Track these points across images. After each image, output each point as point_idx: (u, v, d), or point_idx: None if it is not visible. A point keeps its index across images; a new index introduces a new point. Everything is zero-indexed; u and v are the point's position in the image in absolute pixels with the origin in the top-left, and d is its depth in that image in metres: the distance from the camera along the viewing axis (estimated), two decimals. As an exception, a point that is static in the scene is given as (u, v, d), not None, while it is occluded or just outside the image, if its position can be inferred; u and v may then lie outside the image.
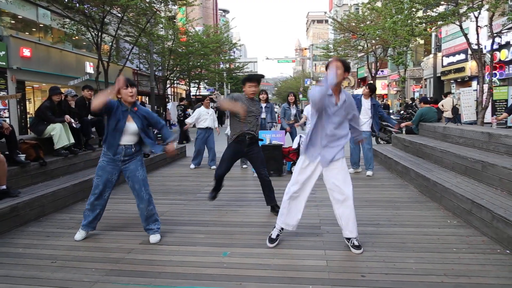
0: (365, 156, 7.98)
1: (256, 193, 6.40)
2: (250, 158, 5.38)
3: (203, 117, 9.16)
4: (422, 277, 3.29)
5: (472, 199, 4.57)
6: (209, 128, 9.22)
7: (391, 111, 22.63)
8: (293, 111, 9.35)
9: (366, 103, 7.80)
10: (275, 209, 5.16)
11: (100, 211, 4.38)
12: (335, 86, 3.75)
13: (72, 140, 6.98)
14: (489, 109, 12.96)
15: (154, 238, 4.24)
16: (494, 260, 3.62)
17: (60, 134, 6.79)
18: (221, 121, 13.07)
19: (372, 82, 46.34)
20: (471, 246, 3.96)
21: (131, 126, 4.12)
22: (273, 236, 4.07)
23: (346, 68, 3.78)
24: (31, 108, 17.52)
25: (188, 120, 9.68)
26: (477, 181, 5.54)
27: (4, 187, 5.00)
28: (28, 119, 16.39)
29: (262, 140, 5.67)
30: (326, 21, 53.20)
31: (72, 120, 7.12)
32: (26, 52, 15.88)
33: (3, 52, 14.72)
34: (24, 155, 6.04)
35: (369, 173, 7.93)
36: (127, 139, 4.16)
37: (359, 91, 45.13)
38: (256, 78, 5.10)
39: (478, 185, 5.31)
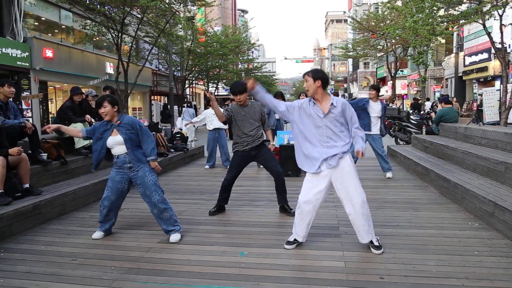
0: (379, 160, 7.82)
1: (273, 193, 6.38)
2: (260, 161, 5.43)
3: (210, 118, 9.15)
4: (442, 280, 3.23)
5: (495, 201, 4.47)
6: (218, 129, 9.16)
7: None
8: None
9: (376, 106, 7.58)
10: (285, 208, 5.27)
11: (114, 220, 4.53)
12: (315, 95, 3.78)
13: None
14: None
15: (175, 237, 4.28)
16: (518, 264, 3.54)
17: (81, 133, 6.90)
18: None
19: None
20: (493, 249, 3.87)
21: (116, 138, 4.26)
22: (290, 239, 4.06)
23: (316, 77, 3.75)
24: (53, 108, 17.86)
25: (194, 119, 9.66)
26: (500, 182, 5.41)
27: (27, 185, 5.12)
28: (50, 119, 16.72)
29: (268, 141, 5.59)
30: (345, 20, 52.78)
31: (93, 120, 7.23)
32: (49, 53, 16.19)
33: (27, 53, 15.04)
34: (46, 154, 6.16)
35: (389, 175, 7.68)
36: (119, 150, 4.30)
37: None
38: (233, 90, 5.09)
39: (501, 187, 5.19)
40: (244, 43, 31.57)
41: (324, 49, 77.82)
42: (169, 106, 23.68)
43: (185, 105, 19.97)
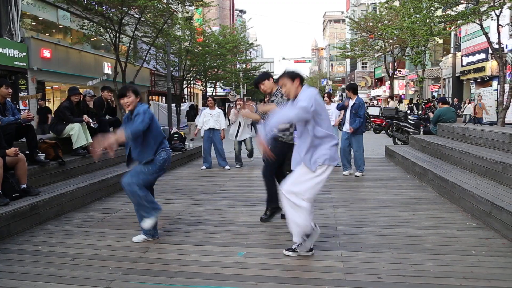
0: (354, 157, 7.99)
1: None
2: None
3: (206, 118, 9.14)
4: (440, 279, 3.24)
5: (492, 201, 4.48)
6: (213, 129, 9.10)
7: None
8: None
9: (350, 103, 7.86)
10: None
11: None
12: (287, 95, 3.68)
13: (90, 140, 7.07)
14: (510, 110, 12.69)
15: (136, 238, 4.25)
16: (515, 263, 3.55)
17: (78, 133, 6.89)
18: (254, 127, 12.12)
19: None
20: (491, 249, 3.88)
21: None
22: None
23: (294, 77, 3.60)
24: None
25: (198, 125, 9.53)
26: (497, 182, 5.43)
27: (24, 185, 5.11)
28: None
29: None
30: (343, 20, 52.87)
31: (90, 120, 7.23)
32: (46, 53, 16.16)
33: (24, 53, 15.00)
34: (44, 154, 6.15)
35: (357, 174, 7.88)
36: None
37: (377, 91, 44.75)
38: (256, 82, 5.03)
39: (498, 187, 5.20)
40: (242, 43, 31.55)
41: (322, 49, 77.82)
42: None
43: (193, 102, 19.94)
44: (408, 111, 21.92)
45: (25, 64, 15.07)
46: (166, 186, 7.31)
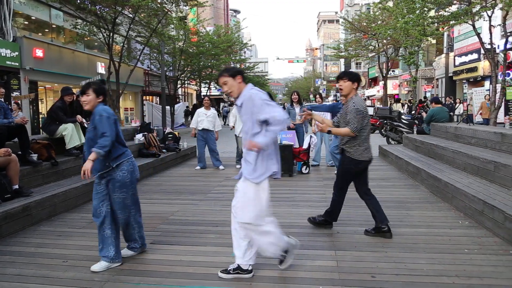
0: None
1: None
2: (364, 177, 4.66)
3: (200, 118, 9.08)
4: (433, 278, 3.26)
5: (484, 199, 4.52)
6: (207, 130, 9.05)
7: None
8: (297, 110, 9.30)
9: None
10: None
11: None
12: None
13: (84, 140, 7.03)
14: (501, 109, 12.80)
15: (125, 252, 3.82)
16: (507, 261, 3.58)
17: (71, 134, 6.85)
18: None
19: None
20: (483, 247, 3.91)
21: None
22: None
23: (234, 74, 3.29)
24: (43, 109, 17.70)
25: (192, 125, 9.46)
26: (489, 181, 5.47)
27: (16, 186, 5.07)
28: (40, 119, 16.57)
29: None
30: (337, 21, 52.98)
31: (84, 120, 7.18)
32: (39, 53, 16.04)
33: (16, 53, 14.89)
34: (36, 155, 6.10)
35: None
36: None
37: (371, 91, 44.89)
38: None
39: (490, 186, 5.24)
40: (236, 43, 31.50)
41: (316, 49, 78.00)
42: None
43: (187, 102, 19.89)
44: (407, 110, 22.11)
45: (17, 64, 14.95)
46: (160, 186, 7.29)
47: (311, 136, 8.54)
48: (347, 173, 4.45)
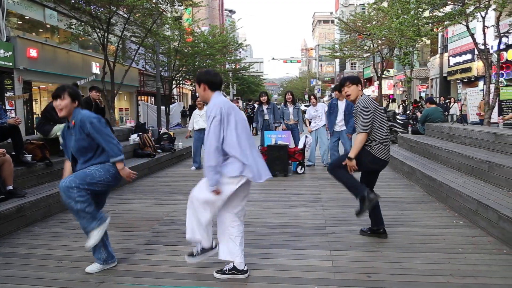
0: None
1: (260, 194, 6.40)
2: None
3: (195, 119, 9.11)
4: (428, 277, 3.27)
5: (478, 199, 4.54)
6: (203, 129, 8.96)
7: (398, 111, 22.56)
8: (291, 109, 9.31)
9: (342, 104, 8.20)
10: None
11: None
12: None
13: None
14: (495, 109, 12.86)
15: (89, 268, 3.51)
16: (501, 260, 3.60)
17: (66, 134, 6.81)
18: None
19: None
20: (477, 247, 3.93)
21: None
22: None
23: (199, 81, 3.39)
24: (37, 109, 17.59)
25: (189, 127, 9.55)
26: (484, 181, 5.50)
27: (10, 187, 5.04)
28: (34, 120, 16.48)
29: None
30: (332, 21, 53.09)
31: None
32: (33, 53, 15.96)
33: (10, 53, 14.80)
34: (31, 155, 6.07)
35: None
36: None
37: (366, 91, 44.99)
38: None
39: (485, 186, 5.27)
40: (231, 43, 31.51)
41: (311, 49, 78.14)
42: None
43: (182, 102, 19.89)
44: (402, 111, 22.20)
45: (11, 64, 14.85)
46: (154, 186, 7.27)
47: (306, 136, 8.55)
48: (370, 174, 4.37)
